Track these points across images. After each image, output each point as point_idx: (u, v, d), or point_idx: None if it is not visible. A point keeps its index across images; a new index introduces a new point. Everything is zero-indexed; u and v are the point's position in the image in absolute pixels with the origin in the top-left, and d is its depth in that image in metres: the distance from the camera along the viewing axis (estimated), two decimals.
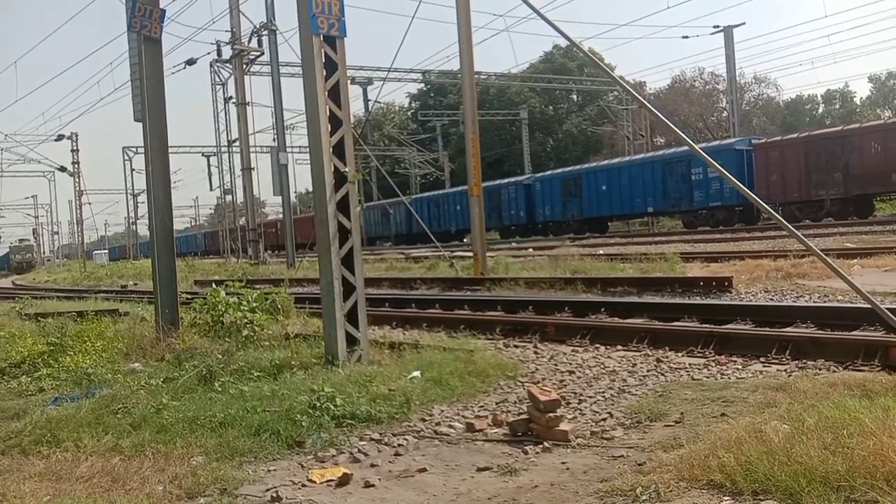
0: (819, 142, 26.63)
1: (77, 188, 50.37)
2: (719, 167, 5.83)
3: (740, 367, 6.11)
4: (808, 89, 66.65)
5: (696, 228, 29.48)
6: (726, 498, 3.13)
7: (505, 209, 39.16)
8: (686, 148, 34.85)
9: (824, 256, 5.30)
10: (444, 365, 6.17)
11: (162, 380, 6.16)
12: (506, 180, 41.48)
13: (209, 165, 47.41)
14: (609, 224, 37.03)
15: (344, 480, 4.00)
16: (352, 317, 6.63)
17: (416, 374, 5.97)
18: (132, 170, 54.77)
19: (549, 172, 40.83)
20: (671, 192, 31.32)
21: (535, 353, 7.41)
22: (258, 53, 32.11)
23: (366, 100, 46.56)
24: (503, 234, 39.25)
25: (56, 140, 46.29)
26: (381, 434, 4.80)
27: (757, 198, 5.83)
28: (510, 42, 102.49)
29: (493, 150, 56.00)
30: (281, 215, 42.09)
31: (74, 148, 47.59)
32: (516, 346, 7.85)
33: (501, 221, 39.48)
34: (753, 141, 29.20)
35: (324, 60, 6.67)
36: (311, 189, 7.64)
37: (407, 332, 8.99)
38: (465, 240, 36.36)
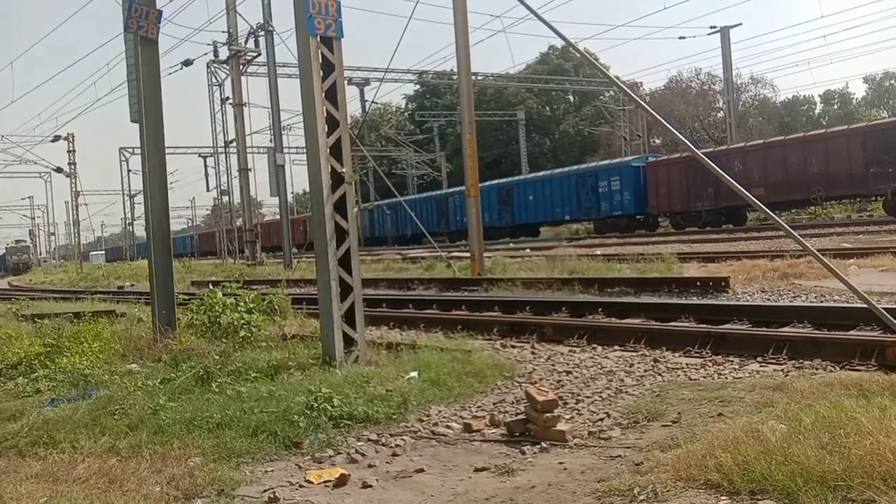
0: (696, 161, 29.49)
1: (73, 189, 50.26)
2: (717, 168, 5.83)
3: (737, 366, 6.12)
4: (805, 90, 66.80)
5: (605, 234, 32.95)
6: (723, 497, 3.14)
7: (451, 215, 43.36)
8: (594, 164, 35.99)
9: (821, 256, 5.30)
10: (441, 365, 6.17)
11: (159, 381, 6.14)
12: (451, 189, 46.26)
13: (206, 166, 47.45)
14: (540, 230, 41.06)
15: (341, 481, 3.99)
16: (349, 317, 6.63)
17: (414, 374, 5.97)
18: (129, 171, 54.76)
19: (487, 183, 44.80)
20: (583, 202, 35.58)
21: (533, 353, 7.41)
22: (255, 54, 32.11)
23: (363, 100, 46.54)
24: (451, 237, 42.03)
25: (52, 141, 46.23)
26: (378, 434, 4.80)
27: (755, 198, 5.84)
28: (507, 43, 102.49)
29: (490, 151, 56.01)
30: (277, 216, 42.12)
31: (71, 149, 47.49)
32: (514, 347, 7.85)
33: (449, 226, 43.48)
34: (649, 159, 33.83)
35: (321, 61, 6.67)
36: (308, 190, 7.63)
37: (404, 333, 8.99)
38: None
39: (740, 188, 5.78)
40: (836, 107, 62.87)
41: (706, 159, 5.94)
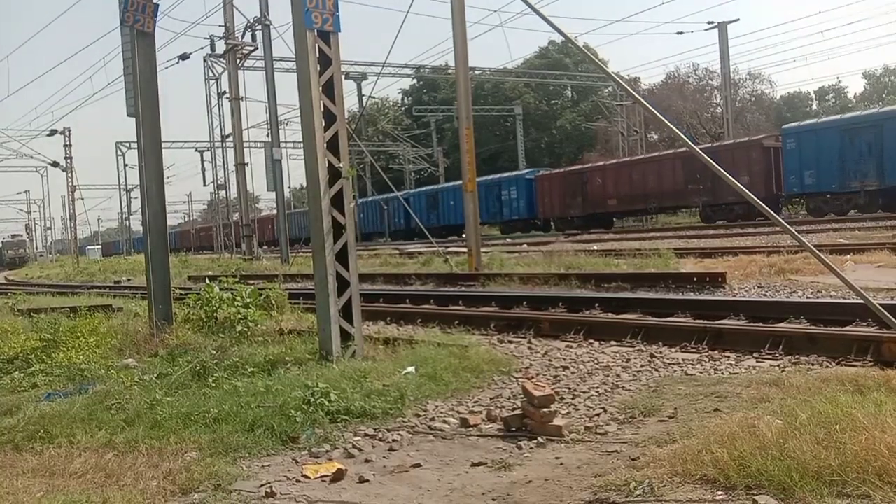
0: (569, 175, 36.99)
1: (70, 183, 50.22)
2: (719, 168, 5.84)
3: (734, 362, 6.13)
4: (802, 85, 66.88)
5: (507, 234, 38.51)
6: (719, 492, 3.15)
7: (391, 217, 48.86)
8: (498, 176, 39.91)
9: (817, 252, 5.32)
10: (438, 360, 6.17)
11: (155, 375, 6.14)
12: (389, 195, 51.06)
13: (203, 160, 47.52)
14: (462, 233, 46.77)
15: (338, 476, 4.00)
16: (346, 312, 6.62)
17: (411, 369, 5.97)
18: (125, 165, 54.77)
19: (418, 189, 50.60)
20: (490, 208, 40.43)
21: (530, 348, 7.41)
22: (252, 48, 32.02)
23: (360, 95, 46.47)
24: (391, 236, 47.64)
25: (49, 135, 46.09)
26: (375, 429, 4.80)
27: (753, 195, 5.85)
28: (505, 37, 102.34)
29: (487, 146, 56.02)
30: (274, 210, 42.18)
31: (67, 143, 47.31)
32: (510, 342, 7.86)
33: (388, 227, 49.01)
34: (538, 172, 40.11)
35: (318, 55, 6.65)
36: (304, 184, 7.62)
37: (401, 328, 8.99)
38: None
39: (741, 187, 5.80)
40: (831, 102, 62.98)
41: (704, 155, 5.94)
